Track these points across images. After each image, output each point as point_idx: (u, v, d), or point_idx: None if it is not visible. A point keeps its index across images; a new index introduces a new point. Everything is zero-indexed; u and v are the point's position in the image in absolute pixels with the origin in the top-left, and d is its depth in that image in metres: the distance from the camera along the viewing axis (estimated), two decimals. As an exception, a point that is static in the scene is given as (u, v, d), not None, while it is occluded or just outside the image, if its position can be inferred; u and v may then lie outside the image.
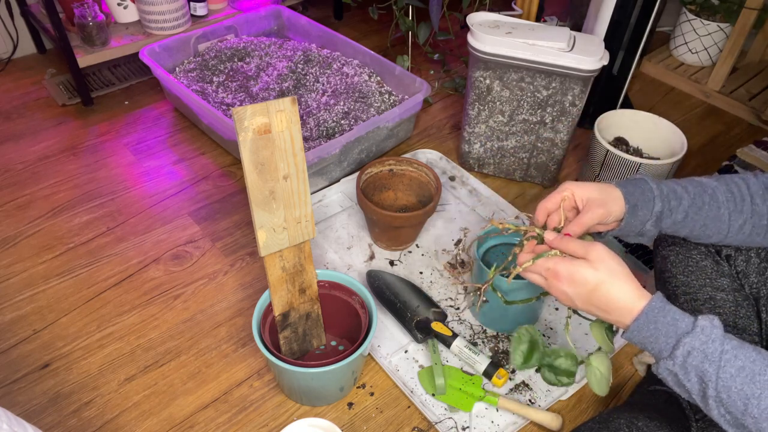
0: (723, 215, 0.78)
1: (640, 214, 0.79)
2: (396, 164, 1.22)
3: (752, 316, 0.87)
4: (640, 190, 0.79)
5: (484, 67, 1.22)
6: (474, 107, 1.30)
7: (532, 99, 1.24)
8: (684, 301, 0.91)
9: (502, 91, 1.25)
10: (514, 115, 1.28)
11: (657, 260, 0.99)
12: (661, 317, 0.65)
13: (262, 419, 0.95)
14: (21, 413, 0.94)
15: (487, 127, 1.32)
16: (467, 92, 1.30)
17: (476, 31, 1.19)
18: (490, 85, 1.25)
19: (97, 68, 1.72)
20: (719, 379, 0.60)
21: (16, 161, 1.42)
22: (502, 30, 1.20)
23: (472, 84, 1.26)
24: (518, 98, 1.25)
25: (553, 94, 1.22)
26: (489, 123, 1.31)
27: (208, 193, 1.36)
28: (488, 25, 1.22)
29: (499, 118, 1.29)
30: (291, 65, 1.59)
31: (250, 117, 0.75)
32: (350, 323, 0.98)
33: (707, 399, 0.61)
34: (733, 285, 0.89)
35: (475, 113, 1.31)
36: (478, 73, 1.24)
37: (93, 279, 1.15)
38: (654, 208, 0.78)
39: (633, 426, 0.78)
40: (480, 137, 1.34)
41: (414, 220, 1.12)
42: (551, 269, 0.70)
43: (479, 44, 1.19)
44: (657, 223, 0.80)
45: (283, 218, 0.83)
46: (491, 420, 0.94)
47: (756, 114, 1.63)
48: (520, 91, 1.24)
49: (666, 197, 0.79)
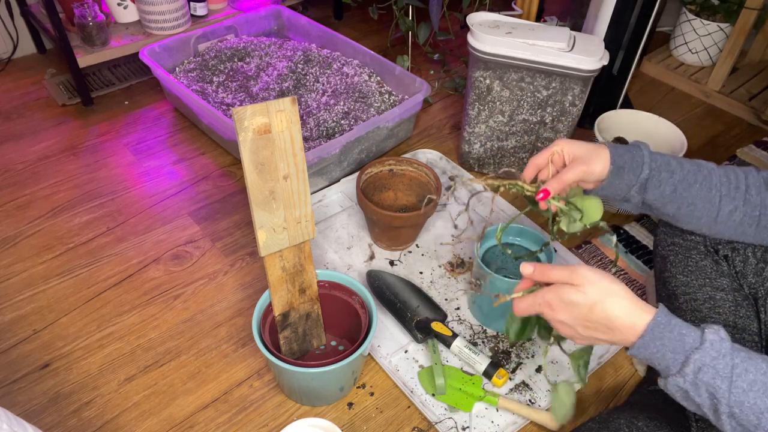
0: (714, 197, 0.77)
1: (626, 178, 0.78)
2: (396, 164, 1.22)
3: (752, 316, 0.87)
4: (631, 154, 0.79)
5: (484, 67, 1.22)
6: (474, 107, 1.30)
7: (532, 99, 1.24)
8: (683, 301, 0.91)
9: (502, 91, 1.25)
10: (514, 115, 1.28)
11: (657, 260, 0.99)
12: (667, 332, 0.62)
13: (262, 419, 0.95)
14: (21, 413, 0.94)
15: (487, 127, 1.32)
16: (467, 92, 1.30)
17: (476, 31, 1.19)
18: (490, 85, 1.25)
19: (97, 68, 1.72)
20: (732, 395, 0.59)
21: (16, 161, 1.42)
22: (502, 30, 1.20)
23: (472, 84, 1.26)
24: (518, 98, 1.25)
25: (553, 94, 1.22)
26: (489, 123, 1.31)
27: (208, 193, 1.36)
28: (488, 25, 1.22)
29: (499, 118, 1.29)
30: (291, 65, 1.59)
31: (250, 117, 0.75)
32: (350, 323, 0.98)
33: (719, 414, 0.60)
34: (732, 285, 0.89)
35: (475, 113, 1.31)
36: (478, 73, 1.24)
37: (93, 279, 1.15)
38: (641, 174, 0.77)
39: (633, 426, 0.79)
40: (480, 137, 1.34)
41: (414, 220, 1.12)
42: (543, 301, 0.68)
43: (479, 44, 1.19)
44: (641, 191, 0.79)
45: (283, 218, 0.83)
46: (491, 420, 0.94)
47: (756, 114, 1.63)
48: (520, 91, 1.24)
49: (657, 167, 0.78)
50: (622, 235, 1.25)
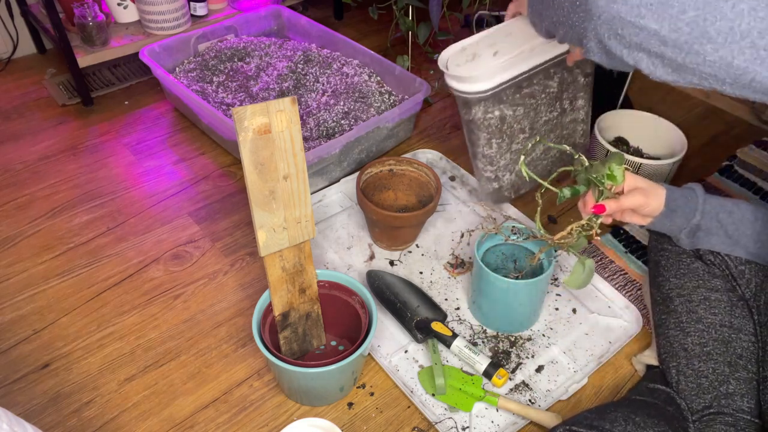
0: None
1: (678, 221, 0.86)
2: (396, 164, 1.22)
3: (747, 316, 0.88)
4: (685, 198, 0.85)
5: (488, 103, 1.04)
6: (491, 145, 1.10)
7: (546, 97, 1.12)
8: (679, 303, 0.92)
9: (516, 112, 1.09)
10: (534, 124, 1.14)
11: (650, 266, 1.00)
12: None
13: (262, 419, 0.95)
14: (21, 413, 0.94)
15: (512, 153, 1.14)
16: (471, 134, 1.09)
17: (464, 74, 0.98)
18: (501, 115, 1.07)
19: (97, 68, 1.72)
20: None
21: (16, 161, 1.42)
22: (486, 55, 0.99)
23: (478, 125, 1.06)
24: (533, 106, 1.11)
25: (562, 81, 1.11)
26: (512, 148, 1.13)
27: (208, 193, 1.36)
28: (465, 59, 1.01)
29: (521, 136, 1.13)
30: (291, 65, 1.59)
31: (250, 117, 0.75)
32: (350, 323, 0.98)
33: None
34: (726, 286, 0.90)
35: (494, 150, 1.11)
36: (481, 113, 1.04)
37: (93, 279, 1.15)
38: (692, 219, 0.85)
39: (630, 420, 0.79)
40: (508, 166, 1.16)
41: (414, 220, 1.12)
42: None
43: (473, 86, 0.99)
44: (691, 235, 0.87)
45: (283, 218, 0.83)
46: (491, 420, 0.94)
47: (756, 114, 1.63)
48: (532, 98, 1.10)
49: (710, 212, 0.86)
50: (622, 235, 1.25)
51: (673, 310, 0.92)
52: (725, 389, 0.83)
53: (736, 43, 0.56)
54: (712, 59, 0.57)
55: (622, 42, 0.64)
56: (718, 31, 0.56)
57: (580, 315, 1.09)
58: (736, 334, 0.86)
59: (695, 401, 0.84)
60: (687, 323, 0.89)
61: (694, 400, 0.84)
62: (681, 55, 0.60)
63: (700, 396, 0.84)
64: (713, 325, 0.87)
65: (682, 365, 0.88)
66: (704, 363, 0.86)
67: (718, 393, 0.83)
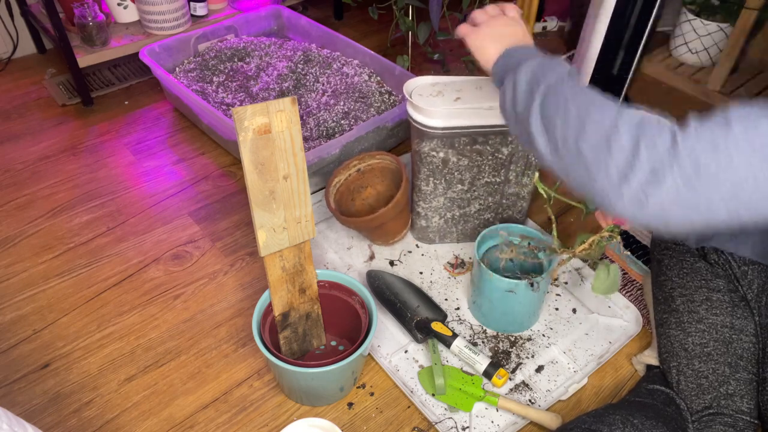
0: None
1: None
2: (359, 162, 1.23)
3: (748, 317, 0.88)
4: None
5: (437, 141, 1.05)
6: (428, 182, 1.11)
7: (493, 160, 1.10)
8: (681, 303, 0.92)
9: (459, 161, 1.08)
10: (475, 181, 1.12)
11: (653, 265, 1.00)
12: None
13: (262, 419, 0.95)
14: (21, 413, 0.94)
15: (446, 198, 1.14)
16: (414, 164, 1.11)
17: (422, 105, 1.00)
18: (446, 157, 1.07)
19: (97, 68, 1.72)
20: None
21: (16, 161, 1.42)
22: (449, 96, 1.02)
23: (422, 158, 1.08)
24: (478, 164, 1.09)
25: (514, 151, 1.09)
26: (448, 194, 1.14)
27: (208, 193, 1.36)
28: (430, 93, 1.04)
29: (459, 187, 1.13)
30: (291, 65, 1.59)
31: (250, 117, 0.75)
32: (350, 323, 0.98)
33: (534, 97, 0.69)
34: (728, 286, 0.90)
35: (430, 188, 1.12)
36: (428, 148, 1.06)
37: (93, 279, 1.16)
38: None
39: (628, 423, 0.79)
40: (439, 210, 1.16)
41: (390, 213, 1.11)
42: None
43: (428, 119, 1.01)
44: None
45: (283, 218, 0.83)
46: (491, 420, 0.94)
47: (756, 114, 1.63)
48: (479, 156, 1.08)
49: None
50: (622, 235, 1.25)
51: (674, 310, 0.92)
52: (725, 390, 0.83)
53: None
54: None
55: None
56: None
57: (580, 315, 1.09)
58: (737, 334, 0.86)
59: (695, 401, 0.84)
60: (688, 323, 0.89)
61: (693, 401, 0.84)
62: None
63: (700, 396, 0.84)
64: (714, 325, 0.87)
65: (683, 365, 0.88)
66: (705, 363, 0.86)
67: (718, 393, 0.83)
